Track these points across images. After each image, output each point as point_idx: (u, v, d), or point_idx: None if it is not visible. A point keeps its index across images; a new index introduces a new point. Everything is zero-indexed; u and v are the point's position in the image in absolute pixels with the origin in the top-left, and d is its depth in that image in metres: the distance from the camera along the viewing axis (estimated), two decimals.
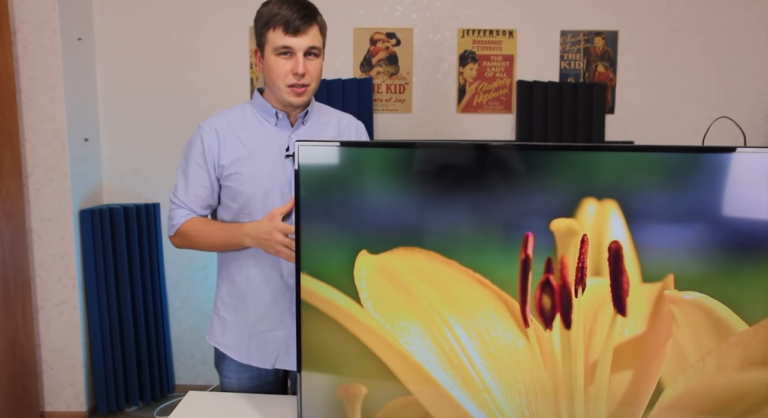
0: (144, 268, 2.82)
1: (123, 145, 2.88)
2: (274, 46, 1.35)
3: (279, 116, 1.43)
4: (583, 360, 1.05)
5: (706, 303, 1.01)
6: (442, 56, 2.80)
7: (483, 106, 2.80)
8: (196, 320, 3.00)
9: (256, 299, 1.45)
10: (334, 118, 1.53)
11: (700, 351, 1.02)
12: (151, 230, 2.85)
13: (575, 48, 2.79)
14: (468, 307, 1.07)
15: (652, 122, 2.86)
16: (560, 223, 1.02)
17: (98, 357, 2.71)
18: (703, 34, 2.81)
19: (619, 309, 1.03)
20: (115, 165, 2.89)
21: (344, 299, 1.10)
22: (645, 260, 1.02)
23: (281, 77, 1.36)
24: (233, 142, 1.42)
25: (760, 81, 2.84)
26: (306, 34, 1.34)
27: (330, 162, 1.11)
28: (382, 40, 2.76)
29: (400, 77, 2.79)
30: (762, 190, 0.99)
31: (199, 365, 3.04)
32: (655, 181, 1.02)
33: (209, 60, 2.82)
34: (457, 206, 1.07)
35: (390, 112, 2.83)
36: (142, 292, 2.81)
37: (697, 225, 1.01)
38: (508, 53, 2.78)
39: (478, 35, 2.77)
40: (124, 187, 2.91)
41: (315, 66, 1.39)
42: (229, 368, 1.50)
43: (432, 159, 1.09)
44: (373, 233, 1.09)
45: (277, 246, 1.30)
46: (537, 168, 1.05)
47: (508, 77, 2.79)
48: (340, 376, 1.15)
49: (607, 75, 2.82)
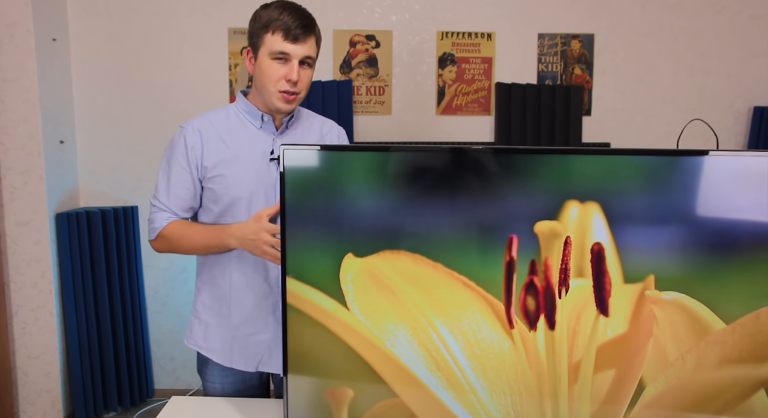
0: (122, 271, 2.78)
1: (100, 147, 2.84)
2: (271, 50, 1.34)
3: (264, 119, 1.43)
4: (566, 360, 1.07)
5: (686, 303, 1.04)
6: (422, 58, 2.81)
7: (462, 108, 2.82)
8: (175, 324, 2.97)
9: (239, 302, 1.44)
10: (317, 123, 1.54)
11: (679, 350, 1.04)
12: (129, 233, 2.81)
13: (552, 51, 2.83)
14: (453, 309, 1.08)
15: (628, 124, 2.92)
16: (544, 225, 1.04)
17: (75, 363, 2.66)
18: (675, 38, 2.87)
19: (601, 309, 1.05)
20: (91, 167, 2.85)
21: (330, 302, 1.11)
22: (626, 261, 1.04)
23: (273, 82, 1.36)
24: (217, 144, 1.40)
25: (730, 83, 2.91)
26: (304, 43, 1.35)
27: (315, 166, 1.11)
28: (361, 42, 2.76)
29: (380, 79, 2.79)
30: (735, 191, 1.02)
31: (179, 368, 3.01)
32: (635, 184, 1.04)
33: (187, 61, 2.80)
34: (442, 209, 1.08)
35: (370, 114, 2.83)
36: (120, 296, 2.78)
37: (675, 226, 1.04)
38: (487, 55, 2.80)
39: (456, 38, 2.79)
40: (101, 190, 2.87)
41: (307, 75, 1.39)
42: (212, 372, 1.49)
43: (417, 162, 1.10)
44: (359, 237, 1.09)
45: (264, 247, 1.29)
46: (521, 171, 1.06)
47: (486, 79, 2.82)
48: (327, 379, 1.15)
49: (583, 77, 2.86)
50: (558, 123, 2.80)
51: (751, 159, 1.02)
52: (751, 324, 1.02)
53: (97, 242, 2.67)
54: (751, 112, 2.91)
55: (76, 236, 2.62)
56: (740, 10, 2.85)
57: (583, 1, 2.82)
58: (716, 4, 2.84)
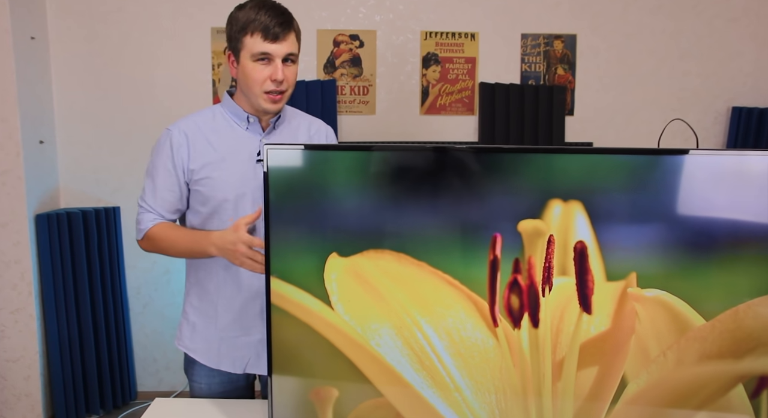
0: (104, 273, 2.75)
1: (81, 147, 2.80)
2: (253, 52, 1.33)
3: (250, 121, 1.42)
4: (550, 358, 1.08)
5: (667, 300, 1.05)
6: (405, 58, 2.81)
7: (446, 107, 2.83)
8: (158, 325, 2.95)
9: (226, 304, 1.43)
10: (305, 123, 1.53)
11: (661, 346, 1.06)
12: (111, 234, 2.78)
13: (535, 51, 2.85)
14: (438, 308, 1.08)
15: (610, 124, 2.94)
16: (527, 224, 1.05)
17: (56, 366, 2.63)
18: (656, 39, 2.90)
19: (584, 307, 1.06)
20: (72, 168, 2.81)
21: (315, 302, 1.10)
22: (609, 259, 1.05)
23: (259, 84, 1.35)
24: (203, 146, 1.39)
25: (709, 84, 2.95)
26: (285, 41, 1.33)
27: (299, 166, 1.11)
28: (345, 41, 2.76)
29: (364, 79, 2.79)
30: (715, 190, 1.03)
31: (162, 370, 2.98)
32: (617, 183, 1.05)
33: (170, 61, 2.77)
34: (426, 208, 1.08)
35: (354, 113, 2.83)
36: (102, 297, 2.74)
37: (657, 224, 1.05)
38: (471, 55, 2.81)
39: (440, 37, 2.79)
40: (83, 191, 2.83)
41: (292, 72, 1.37)
42: (199, 373, 1.48)
43: (401, 162, 1.10)
44: (343, 236, 1.09)
45: (241, 257, 1.27)
46: (504, 170, 1.07)
47: (470, 79, 2.83)
48: (312, 379, 1.15)
49: (566, 77, 2.88)
50: (541, 123, 2.82)
51: (730, 158, 1.04)
52: (730, 320, 1.04)
53: (78, 243, 2.64)
54: (729, 112, 2.96)
55: (57, 237, 2.59)
56: (718, 13, 2.89)
57: (565, 2, 2.85)
58: (695, 7, 2.88)
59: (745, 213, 1.03)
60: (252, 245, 1.26)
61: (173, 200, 1.42)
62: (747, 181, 1.03)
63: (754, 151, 1.04)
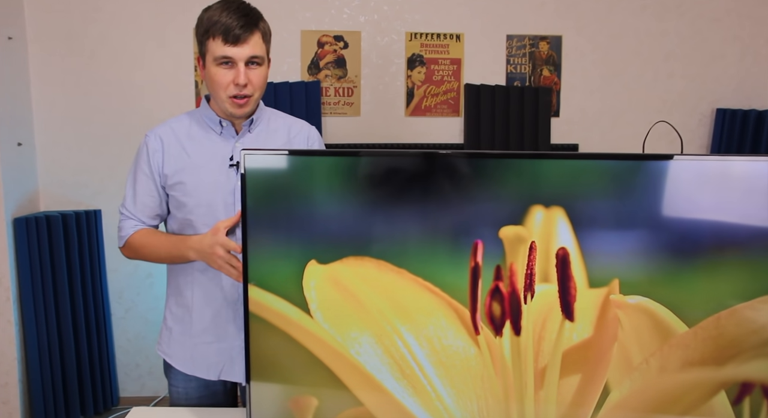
0: (85, 277, 2.71)
1: (61, 149, 2.75)
2: (215, 56, 1.30)
3: (223, 125, 1.40)
4: (532, 366, 1.07)
5: (649, 307, 1.04)
6: (390, 59, 2.80)
7: (431, 109, 2.82)
8: (140, 330, 2.91)
9: (201, 310, 1.42)
10: (284, 125, 1.49)
11: (643, 353, 1.05)
12: (92, 238, 2.74)
13: (521, 52, 2.84)
14: (418, 315, 1.07)
15: (596, 125, 2.94)
16: (509, 230, 1.03)
17: (35, 372, 2.58)
18: (640, 40, 2.91)
19: (567, 314, 1.04)
20: (52, 170, 2.77)
21: (293, 309, 1.08)
22: (591, 265, 1.04)
23: (223, 88, 1.32)
24: (177, 152, 1.38)
25: (693, 86, 2.96)
26: (246, 43, 1.30)
27: (276, 171, 1.09)
28: (329, 42, 2.74)
29: (348, 80, 2.77)
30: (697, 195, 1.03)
31: (144, 375, 2.94)
32: (600, 188, 1.04)
33: (151, 61, 2.73)
34: (406, 215, 1.06)
35: (338, 115, 2.81)
36: (83, 302, 2.70)
37: (639, 231, 1.04)
38: (456, 57, 2.80)
39: (425, 39, 2.78)
40: (63, 194, 2.79)
41: (258, 75, 1.34)
42: (176, 377, 1.48)
43: (380, 167, 1.08)
44: (322, 243, 1.07)
45: (219, 261, 1.25)
46: (485, 176, 1.05)
47: (455, 81, 2.82)
48: (291, 387, 1.13)
49: (552, 79, 2.88)
50: (526, 124, 2.82)
51: (713, 164, 1.03)
52: (712, 327, 1.03)
53: (58, 246, 2.59)
54: (714, 114, 2.97)
55: (36, 241, 2.54)
56: (701, 13, 2.90)
57: (550, 3, 2.84)
58: (679, 7, 2.88)
59: (727, 219, 1.02)
60: (229, 248, 1.24)
61: (153, 206, 1.42)
62: (730, 187, 1.02)
63: (737, 156, 1.03)
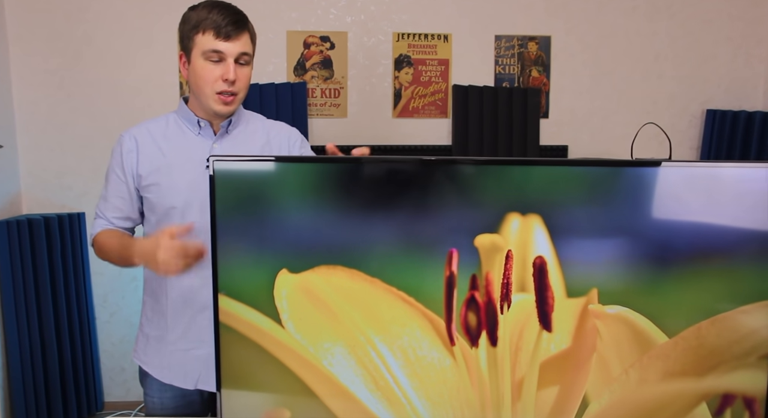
0: (68, 281, 2.67)
1: (43, 151, 2.72)
2: (204, 50, 1.29)
3: (201, 125, 1.38)
4: (509, 377, 1.04)
5: (629, 316, 1.02)
6: (377, 60, 2.76)
7: (419, 110, 2.79)
8: (126, 334, 2.88)
9: (175, 317, 1.40)
10: (263, 128, 1.47)
11: (623, 364, 1.02)
12: (75, 241, 2.70)
13: (509, 53, 2.81)
14: (393, 326, 1.04)
15: (585, 127, 2.92)
16: (484, 239, 1.00)
17: (17, 377, 2.54)
18: (630, 40, 2.88)
19: (544, 325, 1.02)
20: (34, 173, 2.73)
21: (264, 320, 1.05)
22: (569, 274, 1.01)
23: (209, 83, 1.30)
24: (152, 152, 1.36)
25: (683, 87, 2.94)
26: (238, 40, 1.30)
27: (246, 178, 1.06)
28: (315, 43, 2.70)
29: (335, 81, 2.74)
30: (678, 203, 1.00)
31: (130, 380, 2.91)
32: (578, 195, 1.01)
33: (135, 62, 2.70)
34: (379, 222, 1.03)
35: (325, 116, 2.78)
36: (66, 306, 2.66)
37: (618, 239, 1.01)
38: (444, 57, 2.77)
39: (413, 39, 2.75)
40: (46, 197, 2.75)
41: (245, 74, 1.34)
42: (152, 386, 1.45)
43: (353, 174, 1.05)
44: (294, 251, 1.04)
45: (161, 266, 1.14)
46: (460, 182, 1.03)
47: (443, 81, 2.79)
48: (263, 399, 1.10)
49: (541, 80, 2.85)
50: (515, 126, 2.79)
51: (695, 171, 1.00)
52: (693, 337, 1.01)
53: (40, 250, 2.55)
54: (704, 115, 2.95)
55: (17, 244, 2.50)
56: (692, 14, 2.88)
57: (539, 3, 2.82)
58: (669, 8, 2.86)
59: (708, 227, 1.00)
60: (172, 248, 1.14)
61: (123, 207, 1.40)
62: (710, 194, 1.00)
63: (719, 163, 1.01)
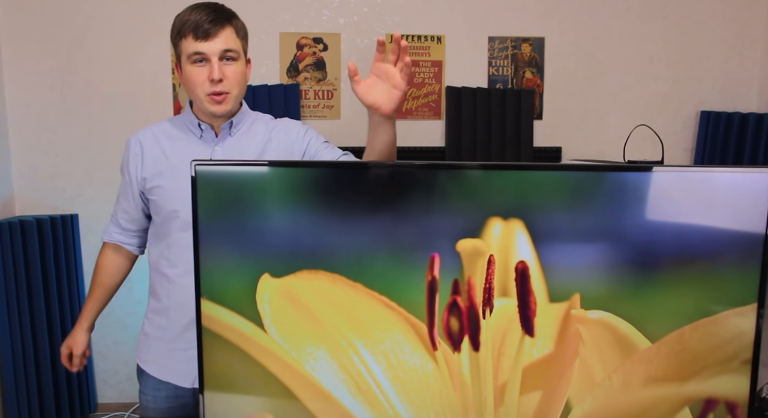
0: (61, 282, 2.67)
1: (36, 153, 2.71)
2: (187, 54, 1.30)
3: (202, 127, 1.38)
4: (492, 382, 1.04)
5: (611, 322, 1.01)
6: (371, 62, 2.75)
7: (412, 112, 2.78)
8: (119, 335, 2.87)
9: (176, 316, 1.41)
10: (266, 129, 1.44)
11: (606, 370, 1.02)
12: (68, 243, 2.70)
13: (503, 54, 2.81)
14: (375, 331, 1.04)
15: (579, 128, 2.92)
16: (466, 243, 1.00)
17: (9, 379, 2.54)
18: (624, 42, 2.88)
19: (526, 330, 1.01)
20: (27, 175, 2.73)
21: (247, 324, 1.05)
22: (551, 279, 1.01)
23: (199, 86, 1.31)
24: (156, 155, 1.38)
25: (677, 88, 2.93)
26: (217, 37, 1.28)
27: (229, 182, 1.05)
28: (308, 45, 2.70)
29: (328, 83, 2.74)
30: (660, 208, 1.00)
31: (123, 381, 2.90)
32: (560, 200, 1.01)
33: (128, 64, 2.69)
34: (361, 227, 1.03)
35: (318, 118, 2.77)
36: (59, 308, 2.66)
37: (600, 244, 1.01)
38: (437, 59, 2.77)
39: (406, 40, 2.74)
40: (39, 199, 2.75)
41: (234, 71, 1.32)
42: (147, 384, 1.46)
43: (335, 178, 1.05)
44: (276, 256, 1.04)
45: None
46: (442, 187, 1.02)
47: (437, 83, 2.78)
48: (246, 404, 1.09)
49: (534, 81, 2.85)
50: (509, 127, 2.79)
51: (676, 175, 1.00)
52: (676, 342, 1.00)
53: (33, 251, 2.55)
54: (698, 117, 2.94)
55: (9, 245, 2.50)
56: (686, 15, 2.87)
57: (533, 5, 2.81)
58: (663, 10, 2.86)
59: (691, 232, 1.00)
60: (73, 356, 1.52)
61: (129, 210, 1.45)
62: (693, 200, 0.99)
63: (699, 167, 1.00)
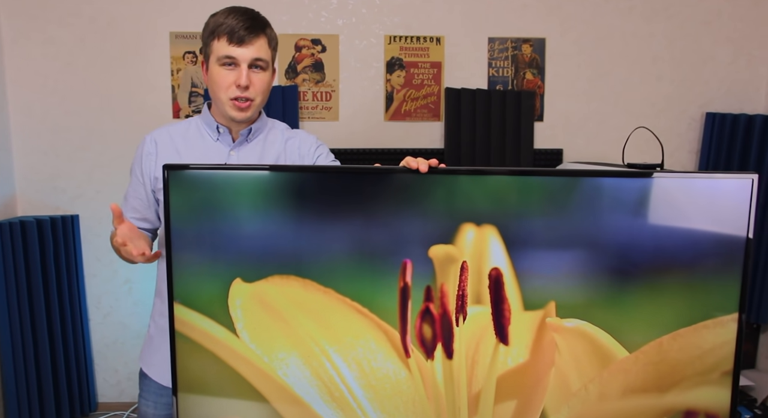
0: (61, 283, 2.68)
1: (38, 154, 2.73)
2: (218, 56, 1.30)
3: (220, 131, 1.38)
4: (466, 390, 1.02)
5: (588, 330, 0.99)
6: (369, 63, 2.74)
7: (411, 113, 2.77)
8: (119, 335, 2.88)
9: None
10: (282, 139, 1.45)
11: (582, 379, 1.00)
12: (69, 243, 2.71)
13: (503, 55, 2.78)
14: (347, 337, 1.02)
15: (581, 130, 2.88)
16: (439, 249, 0.99)
17: (9, 379, 2.56)
18: (627, 42, 2.84)
19: (501, 338, 1.00)
20: (29, 175, 2.74)
21: (219, 329, 1.05)
22: (526, 287, 0.99)
23: (224, 89, 1.31)
24: (171, 155, 1.37)
25: (682, 89, 2.88)
26: (251, 45, 1.29)
27: (202, 187, 1.04)
28: (307, 46, 2.69)
29: (327, 84, 2.72)
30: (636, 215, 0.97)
31: (123, 381, 2.91)
32: (534, 206, 0.99)
33: (128, 66, 2.70)
34: (333, 232, 1.02)
35: (316, 120, 2.76)
36: (59, 308, 2.67)
37: (576, 251, 0.99)
38: (436, 60, 2.75)
39: (405, 42, 2.73)
40: (40, 199, 2.76)
41: (261, 80, 1.32)
42: (149, 389, 1.44)
43: (307, 184, 1.04)
44: (247, 261, 1.03)
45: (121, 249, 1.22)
46: (414, 192, 1.01)
47: (436, 84, 2.76)
48: (219, 408, 1.09)
49: (535, 82, 2.82)
50: (509, 129, 2.76)
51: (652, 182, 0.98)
52: (654, 352, 0.98)
53: (34, 252, 2.57)
54: (703, 118, 2.89)
55: (10, 246, 2.52)
56: (691, 14, 2.82)
57: (533, 5, 2.78)
58: (667, 10, 2.81)
59: (669, 240, 0.97)
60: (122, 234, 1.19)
61: (139, 208, 1.43)
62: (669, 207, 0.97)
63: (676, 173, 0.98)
